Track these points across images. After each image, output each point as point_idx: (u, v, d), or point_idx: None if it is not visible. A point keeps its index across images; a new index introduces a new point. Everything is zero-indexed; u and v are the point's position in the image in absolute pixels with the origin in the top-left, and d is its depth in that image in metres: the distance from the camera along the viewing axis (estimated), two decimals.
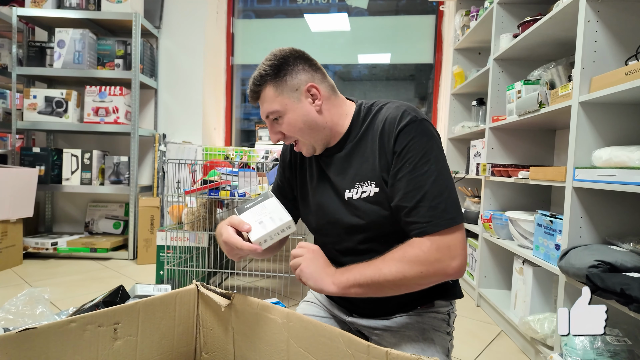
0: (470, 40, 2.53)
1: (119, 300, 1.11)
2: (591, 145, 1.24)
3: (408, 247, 0.72)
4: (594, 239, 1.25)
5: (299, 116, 0.83)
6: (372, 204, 0.81)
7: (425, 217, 0.72)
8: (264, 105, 0.84)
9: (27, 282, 2.13)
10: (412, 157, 0.74)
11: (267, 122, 0.87)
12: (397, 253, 0.73)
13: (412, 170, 0.74)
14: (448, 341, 0.88)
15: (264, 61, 0.83)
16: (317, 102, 0.84)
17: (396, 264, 0.71)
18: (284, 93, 0.82)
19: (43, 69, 2.75)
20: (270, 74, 0.82)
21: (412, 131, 0.76)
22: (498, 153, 1.97)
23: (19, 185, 2.39)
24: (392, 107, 0.82)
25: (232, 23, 3.31)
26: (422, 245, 0.71)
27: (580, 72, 1.23)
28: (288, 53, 0.84)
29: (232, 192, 1.73)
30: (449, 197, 0.73)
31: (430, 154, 0.74)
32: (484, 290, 1.99)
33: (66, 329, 0.74)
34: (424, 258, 0.70)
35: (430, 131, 0.77)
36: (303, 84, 0.83)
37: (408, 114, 0.78)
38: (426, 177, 0.73)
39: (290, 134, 0.85)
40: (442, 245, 0.70)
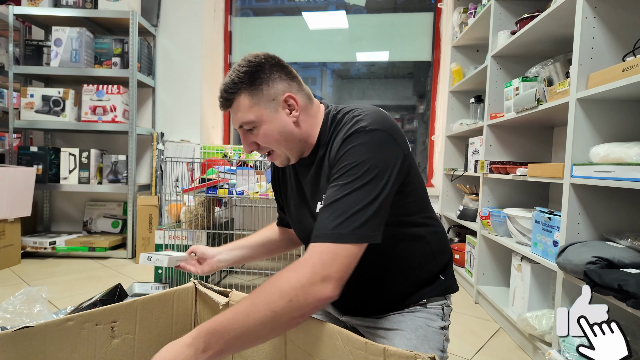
0: (468, 37, 2.53)
1: (117, 298, 1.11)
2: (589, 142, 1.24)
3: (284, 271, 0.64)
4: (592, 236, 1.25)
5: (275, 127, 0.79)
6: None
7: (320, 223, 0.66)
8: (238, 114, 0.79)
9: (25, 281, 2.13)
10: (344, 166, 0.70)
11: (240, 132, 0.82)
12: (268, 283, 0.63)
13: (337, 178, 0.69)
14: (443, 337, 0.88)
15: (236, 67, 0.78)
16: (294, 114, 0.80)
17: (264, 299, 0.62)
18: (260, 103, 0.78)
19: (40, 68, 2.74)
20: (245, 82, 0.77)
21: (354, 140, 0.71)
22: (496, 150, 1.97)
23: (17, 185, 2.38)
24: (352, 116, 0.77)
25: (230, 21, 3.30)
26: (297, 266, 0.63)
27: (578, 69, 1.23)
28: (263, 59, 0.79)
29: (230, 190, 1.73)
30: (358, 214, 0.65)
31: (362, 167, 0.68)
32: (482, 287, 1.99)
33: (63, 327, 0.74)
34: (295, 280, 0.61)
35: (377, 142, 0.70)
36: (280, 94, 0.79)
37: (358, 123, 0.73)
38: (345, 188, 0.67)
39: (266, 145, 0.81)
40: (318, 263, 0.63)
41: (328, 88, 3.48)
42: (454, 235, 2.67)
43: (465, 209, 2.34)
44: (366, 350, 0.68)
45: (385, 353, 0.65)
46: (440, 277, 0.89)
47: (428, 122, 3.19)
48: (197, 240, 1.93)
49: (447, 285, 0.91)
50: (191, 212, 1.94)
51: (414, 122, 3.46)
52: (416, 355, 0.63)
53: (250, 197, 1.70)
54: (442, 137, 2.88)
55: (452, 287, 0.93)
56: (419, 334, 0.85)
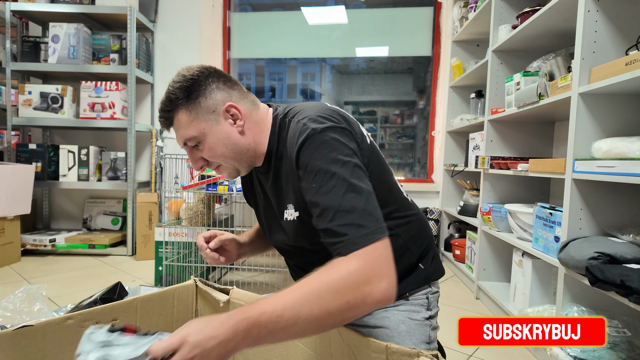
0: (468, 32, 2.51)
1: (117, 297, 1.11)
2: (591, 137, 1.23)
3: (333, 269, 0.61)
4: (594, 231, 1.25)
5: (219, 139, 0.76)
6: (299, 226, 0.78)
7: (340, 236, 0.64)
8: (179, 132, 0.77)
9: (25, 278, 2.13)
10: (315, 175, 0.67)
11: (186, 149, 0.79)
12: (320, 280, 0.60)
13: (319, 189, 0.67)
14: (428, 327, 0.85)
15: (171, 83, 0.76)
16: (238, 123, 0.78)
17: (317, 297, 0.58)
18: (199, 116, 0.75)
19: (38, 65, 2.72)
20: (181, 97, 0.75)
21: (310, 147, 0.69)
22: (497, 145, 1.96)
23: (16, 182, 2.37)
24: (296, 120, 0.74)
25: (229, 16, 3.28)
26: (349, 265, 0.60)
27: (580, 63, 1.22)
28: (197, 72, 0.76)
29: (230, 187, 1.72)
30: (364, 210, 0.65)
31: (334, 167, 0.67)
32: (483, 282, 1.99)
33: (63, 325, 0.74)
34: (351, 281, 0.59)
35: (333, 139, 0.69)
36: (220, 104, 0.76)
37: (306, 127, 0.70)
38: (333, 193, 0.65)
39: (213, 159, 0.79)
40: (370, 264, 0.61)
41: (327, 84, 3.46)
42: (455, 231, 2.67)
43: (465, 205, 2.33)
44: (369, 347, 0.67)
45: (387, 350, 0.65)
46: (419, 266, 0.86)
47: (428, 117, 3.17)
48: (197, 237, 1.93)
49: (428, 273, 0.88)
50: (191, 209, 1.94)
51: (413, 118, 3.45)
52: (419, 353, 0.62)
53: None
54: (443, 133, 2.87)
55: (434, 273, 0.89)
56: (401, 329, 0.82)
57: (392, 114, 3.57)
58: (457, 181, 2.70)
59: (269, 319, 0.57)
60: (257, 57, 3.37)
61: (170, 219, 2.07)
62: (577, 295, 1.25)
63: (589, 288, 1.21)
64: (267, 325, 0.57)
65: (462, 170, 2.41)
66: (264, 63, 3.44)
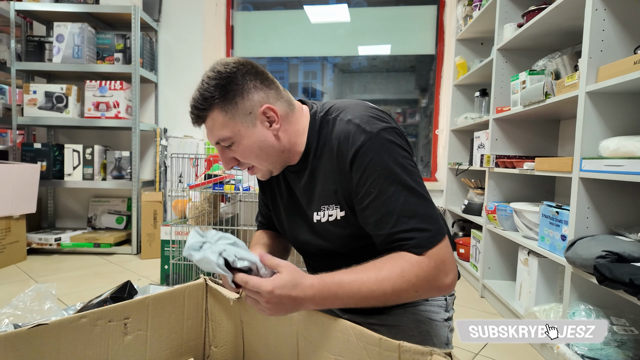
0: (472, 30, 2.51)
1: (127, 295, 1.11)
2: (598, 136, 1.23)
3: (406, 263, 0.65)
4: (601, 230, 1.25)
5: (254, 142, 0.74)
6: (340, 227, 0.77)
7: (406, 241, 0.66)
8: (213, 131, 0.74)
9: (32, 277, 2.14)
10: (374, 181, 0.68)
11: (217, 148, 0.77)
12: (395, 270, 0.65)
13: (378, 195, 0.67)
14: (447, 329, 0.86)
15: (206, 79, 0.72)
16: (274, 126, 0.75)
17: (392, 285, 0.64)
18: (235, 118, 0.72)
19: (42, 64, 2.73)
20: (217, 96, 0.71)
21: (368, 153, 0.68)
22: (502, 144, 1.96)
23: (21, 181, 2.38)
24: (345, 119, 0.73)
25: (232, 15, 3.28)
26: (421, 264, 0.65)
27: (588, 62, 1.22)
28: (235, 68, 0.72)
29: (236, 186, 1.73)
30: (425, 213, 0.67)
31: (394, 172, 0.67)
32: (488, 281, 2.00)
33: (77, 324, 0.74)
34: (423, 277, 0.65)
35: (389, 142, 0.69)
36: (257, 106, 0.73)
37: (361, 130, 0.69)
38: (394, 199, 0.66)
39: (246, 160, 0.77)
40: (438, 263, 0.65)
41: (329, 82, 3.46)
42: (459, 230, 2.67)
43: (470, 203, 2.33)
44: (380, 346, 0.68)
45: (400, 349, 0.65)
46: None
47: (430, 116, 3.17)
48: None
49: None
50: (197, 208, 1.94)
51: (416, 116, 3.45)
52: (431, 351, 0.63)
53: (257, 193, 1.70)
54: (447, 131, 2.87)
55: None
56: (422, 329, 0.84)
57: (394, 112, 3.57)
58: (461, 180, 2.70)
59: (345, 293, 0.65)
60: (259, 56, 3.37)
61: (176, 218, 2.08)
62: (584, 293, 1.26)
63: (596, 286, 1.21)
64: (342, 297, 0.65)
65: (467, 169, 2.40)
66: (265, 62, 3.44)
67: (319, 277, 0.65)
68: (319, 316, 0.74)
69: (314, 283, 0.64)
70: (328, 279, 0.65)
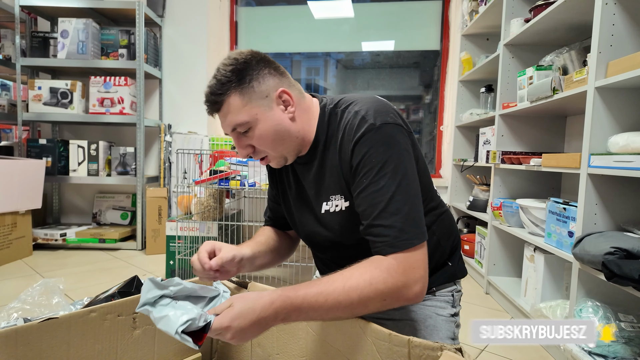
0: (478, 25, 2.49)
1: (134, 290, 1.11)
2: (607, 132, 1.22)
3: (375, 270, 0.64)
4: (609, 226, 1.24)
5: (271, 126, 0.74)
6: (345, 218, 0.77)
7: (382, 236, 0.66)
8: (229, 117, 0.73)
9: (38, 272, 2.15)
10: (368, 171, 0.68)
11: (233, 135, 0.76)
12: (364, 277, 0.63)
13: (368, 185, 0.68)
14: (453, 324, 0.86)
15: (221, 67, 0.73)
16: (290, 109, 0.76)
17: (360, 294, 0.63)
18: (252, 101, 0.72)
19: (47, 60, 2.73)
20: (234, 81, 0.71)
21: (368, 142, 0.69)
22: (508, 140, 1.95)
23: (27, 177, 2.39)
24: (352, 111, 0.74)
25: (236, 11, 3.27)
26: (390, 269, 0.64)
27: (597, 57, 1.21)
28: (249, 56, 0.74)
29: (242, 182, 1.73)
30: (409, 214, 0.66)
31: (388, 166, 0.67)
32: (493, 277, 1.99)
33: (87, 318, 0.75)
34: (392, 284, 0.63)
35: (391, 137, 0.69)
36: (273, 90, 0.74)
37: (365, 120, 0.70)
38: (382, 192, 0.66)
39: (262, 147, 0.76)
40: (407, 269, 0.64)
41: (332, 79, 3.45)
42: (463, 226, 2.66)
43: (475, 200, 2.32)
44: (390, 341, 0.68)
45: (409, 344, 0.65)
46: (448, 264, 0.88)
47: (435, 112, 3.16)
48: (208, 231, 1.94)
49: (455, 270, 0.89)
50: (202, 204, 1.95)
51: (419, 112, 3.43)
52: (442, 346, 0.63)
53: (262, 189, 1.70)
54: (451, 127, 2.86)
55: (460, 271, 0.91)
56: (428, 324, 0.84)
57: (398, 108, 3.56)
58: (466, 176, 2.69)
59: (310, 306, 0.63)
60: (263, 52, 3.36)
61: (181, 214, 2.08)
62: (591, 290, 1.25)
63: (603, 283, 1.20)
64: (307, 311, 0.63)
65: (472, 165, 2.40)
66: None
67: (280, 292, 0.63)
68: None
69: (274, 299, 0.62)
70: (291, 293, 0.63)
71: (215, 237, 1.96)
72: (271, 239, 0.94)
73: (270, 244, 0.92)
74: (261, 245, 0.90)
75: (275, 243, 0.94)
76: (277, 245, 0.94)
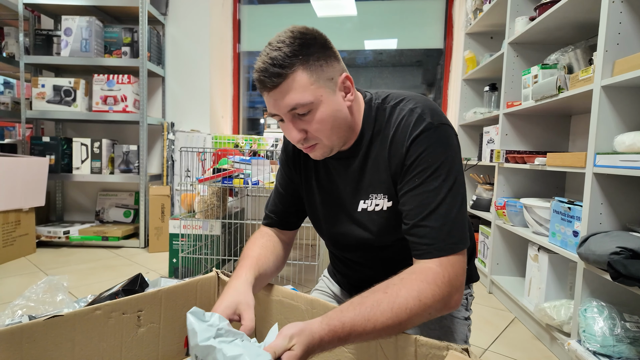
0: (482, 24, 2.48)
1: (138, 288, 1.11)
2: (613, 131, 1.21)
3: (422, 283, 0.61)
4: (614, 226, 1.23)
5: (332, 111, 0.68)
6: (384, 218, 0.74)
7: (428, 238, 0.64)
8: (291, 94, 0.65)
9: (42, 270, 2.16)
10: (422, 170, 0.66)
11: (287, 117, 0.68)
12: (412, 294, 0.59)
13: (420, 185, 0.66)
14: (466, 327, 0.88)
15: (285, 39, 0.65)
16: (349, 97, 0.71)
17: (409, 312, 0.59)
18: (319, 81, 0.66)
19: (50, 58, 2.73)
20: (302, 55, 0.64)
21: (426, 141, 0.66)
22: (512, 139, 1.94)
23: (30, 175, 2.40)
24: (406, 108, 0.70)
25: (239, 9, 3.27)
26: (436, 279, 0.61)
27: (603, 55, 1.20)
28: (316, 34, 0.68)
29: (245, 180, 1.73)
30: (457, 219, 0.65)
31: (443, 168, 0.65)
32: (496, 277, 1.99)
33: (92, 316, 0.75)
34: (440, 296, 0.61)
35: (447, 138, 0.68)
36: (337, 74, 0.69)
37: (423, 119, 0.68)
38: (434, 194, 0.65)
39: (318, 132, 0.69)
40: (452, 277, 0.62)
41: None
42: None
43: (478, 199, 2.32)
44: (396, 340, 0.67)
45: (416, 343, 0.65)
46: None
47: None
48: (211, 229, 1.94)
49: (470, 274, 0.90)
50: (205, 202, 1.95)
51: None
52: (448, 346, 0.62)
53: (266, 187, 1.70)
54: (455, 126, 2.85)
55: (474, 275, 0.92)
56: (443, 324, 0.85)
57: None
58: (469, 175, 2.68)
59: (357, 335, 0.58)
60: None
61: (184, 212, 2.08)
62: (596, 290, 1.25)
63: (608, 283, 1.20)
64: (354, 340, 0.59)
65: (475, 164, 2.39)
66: None
67: (326, 326, 0.57)
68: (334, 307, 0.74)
69: (323, 336, 0.57)
70: (337, 327, 0.57)
71: (218, 235, 1.96)
72: (270, 251, 0.85)
73: (269, 260, 0.84)
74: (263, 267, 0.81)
75: (276, 255, 0.86)
76: (277, 258, 0.87)
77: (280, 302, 0.84)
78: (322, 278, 1.07)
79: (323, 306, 0.76)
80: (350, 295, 0.97)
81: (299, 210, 0.91)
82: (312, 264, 1.96)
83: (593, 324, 1.16)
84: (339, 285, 1.00)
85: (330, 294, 1.01)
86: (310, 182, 0.85)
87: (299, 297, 0.81)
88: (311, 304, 0.78)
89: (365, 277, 0.85)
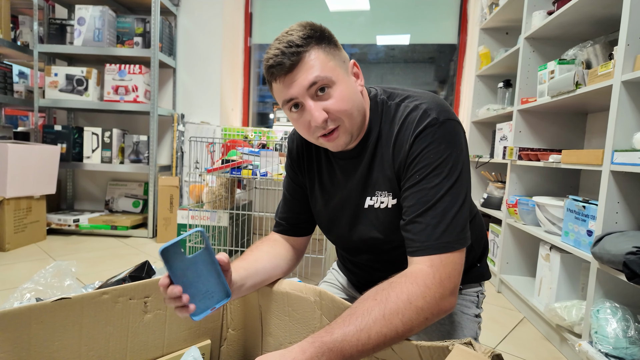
0: (498, 19, 2.43)
1: (145, 275, 1.11)
2: (632, 127, 1.18)
3: (411, 285, 0.59)
4: (631, 226, 1.20)
5: (350, 92, 0.68)
6: (390, 216, 0.73)
7: (421, 235, 0.62)
8: (311, 71, 0.64)
9: (52, 256, 2.18)
10: (424, 167, 0.65)
11: (307, 96, 0.66)
12: (401, 297, 0.57)
13: (420, 181, 0.64)
14: (476, 325, 0.86)
15: (297, 27, 0.67)
16: (359, 82, 0.72)
17: (402, 318, 0.57)
18: (335, 59, 0.67)
19: (64, 47, 2.75)
20: (317, 38, 0.66)
21: (429, 136, 0.65)
22: (525, 136, 1.90)
23: (42, 163, 2.42)
24: (411, 105, 0.69)
25: (251, 2, 3.25)
26: (426, 280, 0.59)
27: (625, 49, 1.16)
28: (324, 27, 0.70)
29: (254, 171, 1.72)
30: (455, 217, 0.62)
31: (446, 165, 0.64)
32: (506, 276, 1.96)
33: (99, 300, 0.75)
34: (431, 297, 0.58)
35: (453, 134, 0.66)
36: (348, 59, 0.72)
37: (428, 114, 0.66)
38: (434, 191, 0.63)
39: (339, 111, 0.66)
40: (444, 278, 0.60)
41: None
42: None
43: (489, 197, 2.28)
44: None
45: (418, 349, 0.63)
46: (477, 265, 0.88)
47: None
48: (219, 220, 1.94)
49: (483, 272, 0.90)
50: (213, 193, 1.95)
51: None
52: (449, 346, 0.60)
53: (274, 179, 1.69)
54: (467, 123, 2.81)
55: (486, 273, 0.92)
56: (453, 320, 0.84)
57: None
58: (481, 173, 2.64)
59: (350, 345, 0.55)
60: None
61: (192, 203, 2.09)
62: (609, 291, 1.22)
63: (623, 283, 1.17)
64: (352, 354, 0.56)
65: (488, 162, 2.35)
66: None
67: (311, 339, 0.56)
68: (342, 303, 0.72)
69: (305, 347, 0.55)
70: (326, 337, 0.55)
71: (226, 226, 1.96)
72: (274, 258, 0.84)
73: (269, 264, 0.83)
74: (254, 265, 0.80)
75: (279, 262, 0.85)
76: (279, 264, 0.85)
77: (287, 295, 0.83)
78: (331, 270, 1.06)
79: (330, 298, 0.75)
80: (357, 287, 0.97)
81: (309, 216, 0.89)
82: (319, 257, 1.95)
83: (606, 325, 1.13)
84: (347, 279, 1.00)
85: (339, 287, 1.01)
86: (313, 180, 0.85)
87: (308, 289, 0.80)
88: (319, 295, 0.77)
89: (378, 278, 0.84)
